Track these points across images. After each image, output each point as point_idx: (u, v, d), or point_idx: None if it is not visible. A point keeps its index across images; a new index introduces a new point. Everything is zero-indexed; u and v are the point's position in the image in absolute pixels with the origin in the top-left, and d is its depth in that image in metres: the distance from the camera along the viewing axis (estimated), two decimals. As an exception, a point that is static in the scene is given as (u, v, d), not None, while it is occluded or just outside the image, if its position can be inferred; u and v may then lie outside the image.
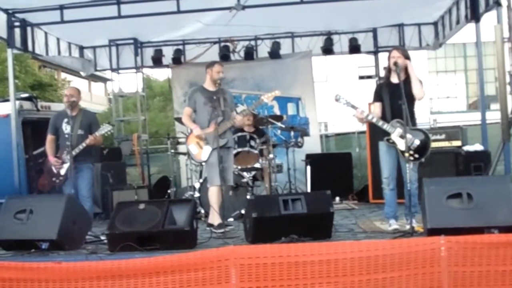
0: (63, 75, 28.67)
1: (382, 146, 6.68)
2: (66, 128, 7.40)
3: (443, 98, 27.33)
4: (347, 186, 10.67)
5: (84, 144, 7.29)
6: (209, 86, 7.48)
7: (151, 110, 25.56)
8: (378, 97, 6.72)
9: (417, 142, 6.48)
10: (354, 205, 9.85)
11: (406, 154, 6.32)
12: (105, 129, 7.42)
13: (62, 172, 7.36)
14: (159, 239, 5.98)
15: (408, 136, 6.36)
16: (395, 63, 6.45)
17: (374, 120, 6.54)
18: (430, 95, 26.73)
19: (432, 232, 5.37)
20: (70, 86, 8.33)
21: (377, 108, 6.68)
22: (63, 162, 7.37)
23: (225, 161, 7.27)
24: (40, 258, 5.73)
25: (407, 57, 6.59)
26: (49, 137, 7.63)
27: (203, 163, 7.77)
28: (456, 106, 27.03)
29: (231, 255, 4.72)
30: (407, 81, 6.52)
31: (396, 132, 6.44)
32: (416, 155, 6.46)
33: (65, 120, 7.41)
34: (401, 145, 6.39)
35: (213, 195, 7.26)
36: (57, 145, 7.60)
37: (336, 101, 6.63)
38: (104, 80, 32.18)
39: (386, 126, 6.49)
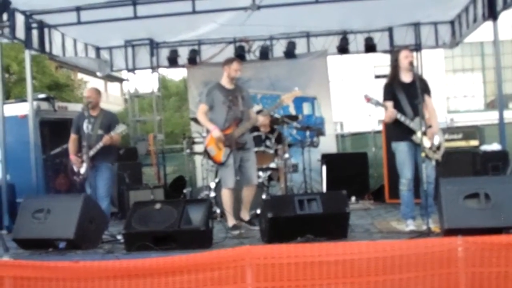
0: (80, 75, 28.86)
1: (402, 146, 6.64)
2: (87, 127, 7.49)
3: (460, 97, 27.12)
4: (363, 186, 10.62)
5: (101, 144, 7.39)
6: (226, 83, 7.35)
7: (166, 110, 25.64)
8: (390, 95, 6.67)
9: (437, 139, 6.60)
10: (370, 205, 9.80)
11: (431, 151, 6.46)
12: (119, 128, 7.50)
13: (82, 170, 7.47)
14: (175, 238, 6.02)
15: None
16: (411, 63, 6.44)
17: (402, 119, 6.53)
18: (447, 94, 26.52)
19: (449, 232, 5.35)
20: (89, 88, 8.41)
21: (390, 107, 6.64)
22: (83, 161, 7.46)
23: (246, 161, 7.29)
24: (57, 257, 5.84)
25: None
26: (72, 137, 7.75)
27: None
28: (474, 105, 26.80)
29: (247, 255, 4.71)
30: (414, 81, 6.50)
31: (421, 130, 6.42)
32: (439, 152, 6.61)
33: (86, 120, 7.51)
34: (426, 142, 6.40)
35: (226, 197, 7.26)
36: (80, 145, 7.69)
37: (367, 101, 6.61)
38: (120, 80, 32.33)
39: (412, 125, 6.49)
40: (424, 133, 6.34)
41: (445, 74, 26.15)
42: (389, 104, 6.65)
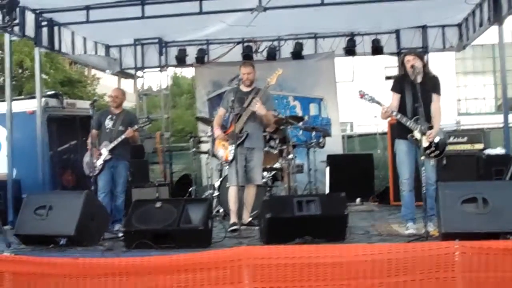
0: (93, 71, 28.95)
1: (402, 145, 6.67)
2: (108, 123, 7.94)
3: (471, 100, 27.01)
4: (368, 187, 10.58)
5: (122, 136, 7.75)
6: (242, 86, 7.55)
7: (178, 107, 25.70)
8: (399, 88, 6.70)
9: (437, 138, 6.57)
10: (374, 207, 9.78)
11: (428, 151, 6.41)
12: (144, 123, 8.12)
13: (98, 163, 7.72)
14: (174, 237, 6.07)
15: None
16: (413, 66, 6.45)
17: (398, 117, 6.55)
18: (457, 96, 26.41)
19: (447, 236, 5.36)
20: (115, 88, 8.75)
21: (395, 99, 6.67)
22: (100, 154, 7.77)
23: (249, 160, 7.38)
24: (58, 254, 5.88)
25: (421, 58, 6.63)
26: (93, 132, 7.99)
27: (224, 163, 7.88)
28: (485, 107, 26.70)
29: (244, 255, 4.74)
30: (425, 80, 6.52)
31: (418, 129, 6.43)
32: (437, 152, 6.57)
33: (109, 116, 7.97)
34: (424, 142, 6.37)
35: (230, 194, 7.41)
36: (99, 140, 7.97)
37: (360, 97, 6.64)
38: (133, 77, 32.25)
39: (409, 123, 6.50)
40: (424, 133, 6.33)
41: (456, 76, 26.04)
42: (395, 96, 6.68)
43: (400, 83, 6.73)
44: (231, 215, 7.36)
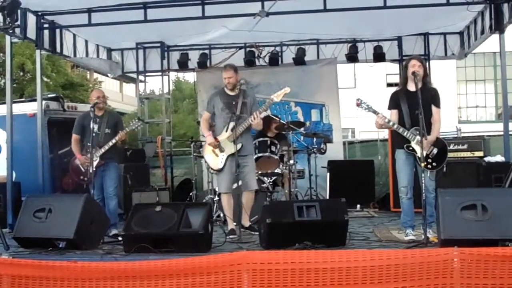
0: (95, 75, 28.99)
1: (401, 154, 6.68)
2: (93, 127, 7.65)
3: (472, 107, 27.09)
4: (368, 193, 10.63)
5: (113, 140, 7.60)
6: (227, 89, 7.48)
7: (180, 112, 25.73)
8: (394, 104, 6.72)
9: (435, 150, 6.54)
10: (374, 213, 9.80)
11: (423, 163, 6.32)
12: (135, 124, 7.80)
13: (91, 170, 7.52)
14: (174, 241, 6.06)
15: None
16: (413, 73, 6.45)
17: (394, 127, 6.55)
18: (458, 104, 26.46)
19: (446, 243, 5.35)
20: (97, 89, 8.56)
21: (393, 115, 6.68)
22: (89, 160, 7.55)
23: (243, 166, 7.30)
24: (56, 257, 5.86)
25: (424, 66, 6.61)
26: (75, 137, 7.89)
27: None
28: (486, 115, 26.77)
29: (244, 260, 4.73)
30: (424, 89, 6.51)
31: (416, 140, 6.44)
32: (434, 164, 6.55)
33: (92, 120, 7.66)
34: (420, 152, 6.35)
35: (224, 201, 7.40)
36: (83, 145, 7.81)
37: (357, 106, 6.64)
38: (135, 80, 32.22)
39: (406, 133, 6.50)
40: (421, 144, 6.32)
41: (457, 84, 26.10)
42: (394, 112, 6.70)
43: (394, 98, 6.75)
44: (228, 221, 7.35)
